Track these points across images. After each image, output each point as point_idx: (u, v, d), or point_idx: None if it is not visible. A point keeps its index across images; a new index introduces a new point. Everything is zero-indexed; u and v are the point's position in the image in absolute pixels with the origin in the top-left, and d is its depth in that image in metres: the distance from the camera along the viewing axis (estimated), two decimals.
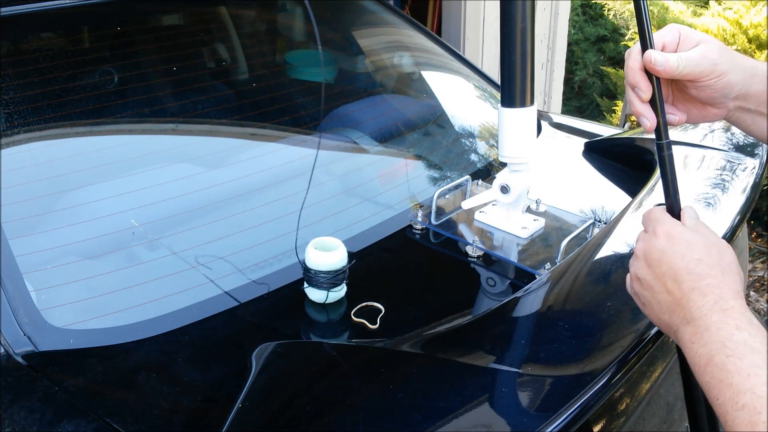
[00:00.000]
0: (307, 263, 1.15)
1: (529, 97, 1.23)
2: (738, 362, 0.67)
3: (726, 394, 0.66)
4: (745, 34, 4.03)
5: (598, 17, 6.08)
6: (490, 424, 0.84)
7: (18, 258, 1.10)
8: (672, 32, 0.87)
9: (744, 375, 0.65)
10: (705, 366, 0.70)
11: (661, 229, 0.80)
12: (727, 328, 0.70)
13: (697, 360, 0.71)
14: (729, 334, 0.69)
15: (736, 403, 0.65)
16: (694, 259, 0.76)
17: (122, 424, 0.90)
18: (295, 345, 1.06)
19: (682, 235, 0.79)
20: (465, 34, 3.66)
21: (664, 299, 0.78)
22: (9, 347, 1.01)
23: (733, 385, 0.66)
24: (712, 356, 0.69)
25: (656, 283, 0.79)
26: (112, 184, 1.30)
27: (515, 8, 1.18)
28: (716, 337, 0.70)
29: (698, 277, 0.75)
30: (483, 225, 1.37)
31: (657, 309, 0.80)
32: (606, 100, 5.27)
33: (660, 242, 0.80)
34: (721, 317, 0.71)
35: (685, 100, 0.91)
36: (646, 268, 0.81)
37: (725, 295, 0.73)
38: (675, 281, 0.77)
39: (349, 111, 1.74)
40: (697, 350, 0.72)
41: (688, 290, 0.75)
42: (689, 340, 0.73)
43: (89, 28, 1.59)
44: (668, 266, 0.78)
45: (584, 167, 1.70)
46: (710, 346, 0.70)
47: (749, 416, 0.63)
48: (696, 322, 0.73)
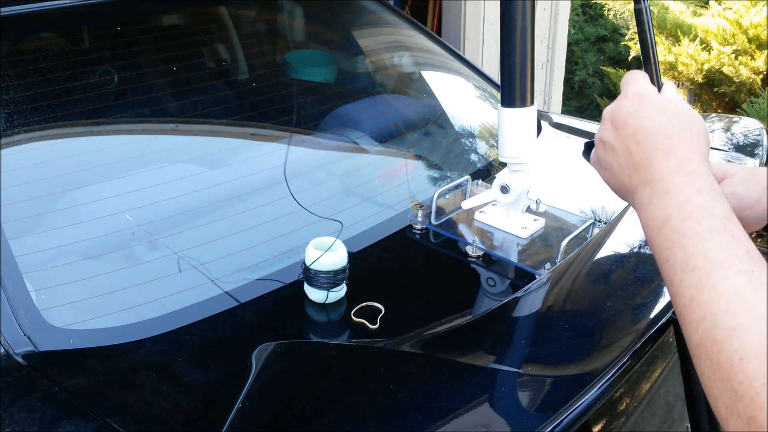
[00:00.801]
0: (306, 263, 1.15)
1: (529, 97, 1.23)
2: (695, 225, 0.63)
3: (678, 255, 0.63)
4: (745, 34, 4.03)
5: (598, 17, 6.08)
6: (490, 424, 0.84)
7: (18, 258, 1.10)
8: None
9: (699, 238, 0.62)
10: (660, 228, 0.66)
11: (633, 90, 0.76)
12: (689, 190, 0.66)
13: (652, 222, 0.68)
14: (689, 197, 0.65)
15: (687, 264, 0.62)
16: (662, 121, 0.72)
17: (122, 424, 0.90)
18: (295, 345, 1.06)
19: (653, 97, 0.75)
20: (465, 34, 3.66)
21: (625, 162, 0.74)
22: (9, 347, 1.01)
23: (686, 248, 0.63)
24: (668, 218, 0.66)
25: (619, 145, 0.75)
26: (112, 184, 1.30)
27: (515, 8, 1.18)
28: (676, 199, 0.66)
29: (664, 137, 0.71)
30: (483, 225, 1.37)
31: (618, 172, 0.75)
32: (606, 100, 5.27)
33: (629, 103, 0.75)
34: (683, 179, 0.67)
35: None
36: (611, 129, 0.76)
37: (691, 157, 0.69)
38: (638, 143, 0.72)
39: (349, 111, 1.74)
40: (653, 212, 0.68)
41: (651, 151, 0.71)
42: (647, 202, 0.69)
43: (89, 28, 1.59)
44: (633, 127, 0.73)
45: (584, 167, 1.70)
46: (668, 208, 0.66)
47: (698, 278, 0.60)
48: (656, 184, 0.69)
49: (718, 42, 4.11)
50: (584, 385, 0.88)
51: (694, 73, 4.15)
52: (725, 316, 0.57)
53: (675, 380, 1.21)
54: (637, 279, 1.13)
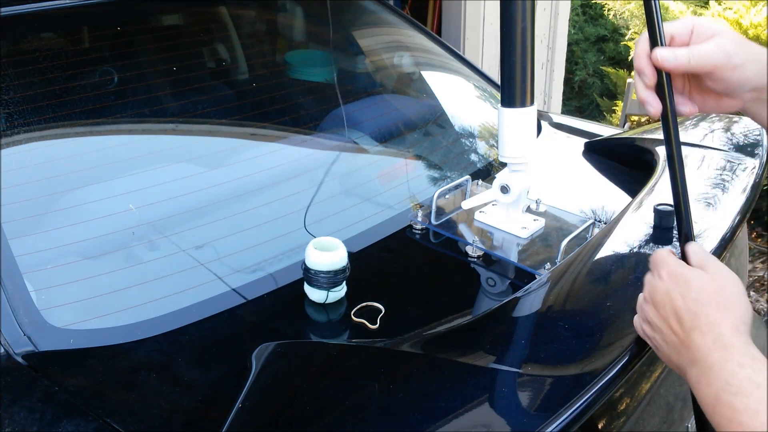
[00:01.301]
0: (307, 263, 1.15)
1: (529, 97, 1.23)
2: (744, 400, 0.67)
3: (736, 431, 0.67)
4: (745, 34, 4.03)
5: (598, 17, 6.08)
6: (490, 424, 0.84)
7: (18, 258, 1.10)
8: (684, 25, 0.86)
9: (752, 413, 0.66)
10: (714, 406, 0.70)
11: (665, 271, 0.81)
12: (730, 366, 0.70)
13: (706, 400, 0.72)
14: (732, 371, 0.69)
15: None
16: (691, 299, 0.77)
17: (122, 424, 0.90)
18: (295, 345, 1.06)
19: (682, 274, 0.80)
20: (465, 34, 3.66)
21: (671, 341, 0.79)
22: (9, 347, 1.01)
23: (742, 423, 0.66)
24: (718, 396, 0.69)
25: (663, 325, 0.80)
26: (112, 184, 1.30)
27: (515, 8, 1.18)
28: (720, 375, 0.70)
29: (695, 316, 0.75)
30: (483, 225, 1.37)
31: (667, 351, 0.80)
32: (606, 100, 5.27)
33: (663, 284, 0.81)
34: (722, 355, 0.71)
35: (700, 90, 0.90)
36: (653, 310, 0.82)
37: (723, 332, 0.72)
38: (678, 322, 0.77)
39: (349, 111, 1.74)
40: (704, 390, 0.72)
41: (689, 330, 0.75)
42: (696, 381, 0.74)
43: (89, 28, 1.59)
44: (671, 307, 0.78)
45: (584, 167, 1.70)
46: (715, 385, 0.70)
47: None
48: (700, 363, 0.73)
49: None
50: (584, 385, 0.87)
51: None
52: None
53: (675, 380, 1.21)
54: (637, 279, 1.13)
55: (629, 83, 4.44)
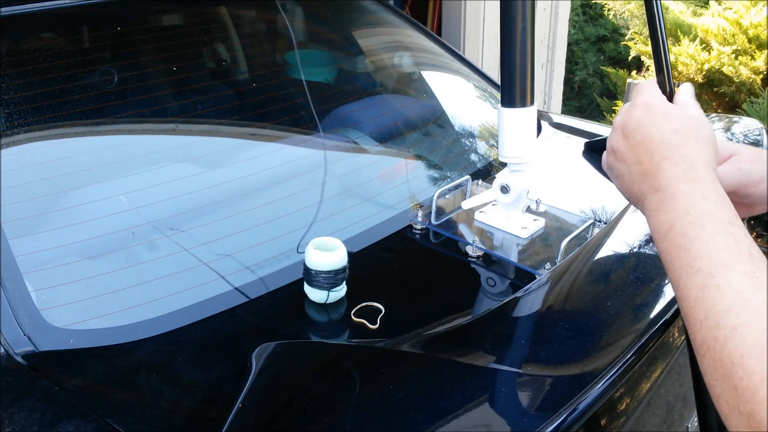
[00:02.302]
0: (307, 263, 1.15)
1: (529, 97, 1.23)
2: (699, 229, 0.66)
3: (683, 258, 0.66)
4: (745, 34, 4.03)
5: (598, 17, 6.08)
6: (490, 424, 0.84)
7: (18, 258, 1.10)
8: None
9: (703, 241, 0.65)
10: (666, 233, 0.69)
11: (641, 100, 0.79)
12: (693, 196, 0.69)
13: (659, 227, 0.71)
14: (694, 202, 0.68)
15: (692, 267, 0.64)
16: (669, 129, 0.75)
17: (122, 424, 0.90)
18: (295, 345, 1.06)
19: (660, 106, 0.78)
20: (465, 34, 3.66)
21: (636, 170, 0.77)
22: (9, 347, 1.01)
23: (690, 250, 0.65)
24: (673, 223, 0.68)
25: (630, 155, 0.78)
26: (112, 184, 1.30)
27: (515, 8, 1.18)
28: (681, 204, 0.69)
29: (671, 146, 0.74)
30: (483, 225, 1.37)
31: (628, 180, 0.78)
32: (606, 100, 5.27)
33: (638, 112, 0.78)
34: (688, 186, 0.70)
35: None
36: (621, 138, 0.79)
37: (696, 165, 0.71)
38: (647, 151, 0.75)
39: (349, 111, 1.74)
40: (660, 218, 0.71)
41: (659, 159, 0.74)
42: (654, 208, 0.72)
43: (89, 28, 1.59)
44: (643, 136, 0.76)
45: (584, 167, 1.70)
46: (674, 213, 0.69)
47: (702, 279, 0.63)
48: (663, 191, 0.72)
49: (718, 42, 4.11)
50: (584, 385, 0.88)
51: (694, 73, 4.15)
52: (727, 315, 0.59)
53: (675, 380, 1.21)
54: (637, 279, 1.13)
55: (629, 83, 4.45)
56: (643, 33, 4.87)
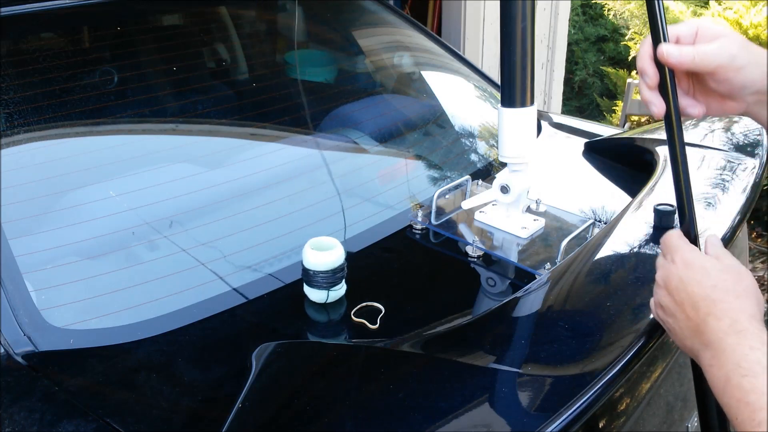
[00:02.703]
0: (304, 264, 1.15)
1: (529, 97, 1.23)
2: (753, 380, 0.68)
3: (744, 412, 0.68)
4: (745, 34, 4.03)
5: (598, 17, 6.08)
6: (490, 424, 0.84)
7: (18, 258, 1.10)
8: (689, 27, 0.87)
9: (759, 393, 0.67)
10: (723, 387, 0.72)
11: (679, 257, 0.83)
12: (742, 349, 0.71)
13: (716, 382, 0.73)
14: (743, 354, 0.71)
15: (754, 420, 0.67)
16: (709, 285, 0.78)
17: (122, 424, 0.90)
18: (295, 345, 1.06)
19: (698, 261, 0.81)
20: (465, 34, 3.66)
21: (685, 325, 0.80)
22: (9, 347, 1.01)
23: (750, 403, 0.68)
24: (729, 377, 0.71)
25: (677, 310, 0.81)
26: (112, 184, 1.30)
27: (515, 8, 1.18)
28: (731, 358, 0.72)
29: (713, 302, 0.77)
30: (483, 225, 1.37)
31: (680, 335, 0.82)
32: (606, 100, 5.27)
33: (678, 269, 0.82)
34: (735, 339, 0.73)
35: (705, 92, 0.91)
36: (666, 295, 0.83)
37: (740, 318, 0.74)
38: (693, 307, 0.79)
39: (349, 111, 1.74)
40: (715, 373, 0.74)
41: (704, 315, 0.77)
42: (708, 364, 0.75)
43: (89, 28, 1.59)
44: (686, 293, 0.80)
45: (584, 167, 1.70)
46: (726, 367, 0.72)
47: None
48: (713, 346, 0.75)
49: None
50: (584, 385, 0.87)
51: None
52: None
53: (675, 380, 1.21)
54: (637, 279, 1.13)
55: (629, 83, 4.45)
56: (643, 33, 4.87)
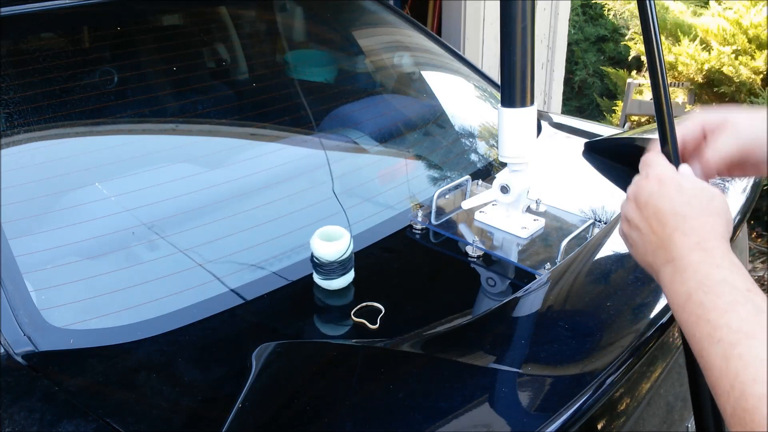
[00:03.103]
0: (313, 253, 1.16)
1: (529, 97, 1.23)
2: (715, 299, 0.66)
3: (703, 329, 0.66)
4: (745, 34, 4.03)
5: (598, 17, 6.08)
6: (490, 424, 0.84)
7: (18, 258, 1.10)
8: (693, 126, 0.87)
9: (720, 311, 0.65)
10: (684, 304, 0.70)
11: (653, 172, 0.81)
12: (707, 267, 0.70)
13: (677, 299, 0.71)
14: (708, 272, 0.69)
15: (712, 337, 0.65)
16: (681, 202, 0.76)
17: (122, 424, 0.90)
18: (295, 345, 1.06)
19: (672, 179, 0.79)
20: (465, 34, 3.66)
21: (649, 240, 0.78)
22: (9, 347, 1.01)
23: (710, 321, 0.66)
24: (690, 294, 0.69)
25: (643, 225, 0.79)
26: (112, 184, 1.30)
27: (515, 8, 1.18)
28: (695, 275, 0.70)
29: (683, 218, 0.75)
30: (483, 225, 1.37)
31: (642, 250, 0.80)
32: (606, 100, 5.27)
33: (650, 185, 0.80)
34: (701, 256, 0.71)
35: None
36: (635, 209, 0.81)
37: (708, 236, 0.72)
38: (660, 223, 0.77)
39: (349, 111, 1.74)
40: (676, 289, 0.72)
41: (671, 231, 0.75)
42: (669, 280, 0.73)
43: (89, 28, 1.59)
44: (655, 208, 0.78)
45: (584, 167, 1.70)
46: (689, 284, 0.70)
47: (723, 350, 0.63)
48: (676, 262, 0.73)
49: (718, 42, 4.11)
50: (584, 385, 0.88)
51: (694, 73, 4.15)
52: (753, 385, 0.59)
53: (675, 380, 1.21)
54: (637, 279, 1.13)
55: (629, 83, 4.44)
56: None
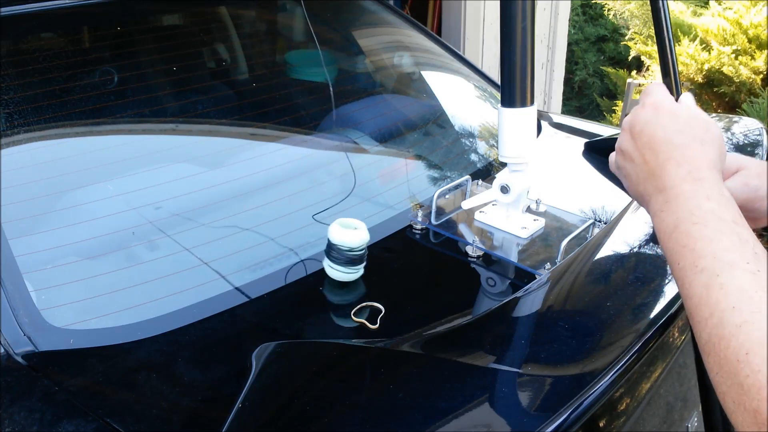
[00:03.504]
0: (331, 240, 1.17)
1: (529, 97, 1.23)
2: (703, 228, 0.66)
3: (687, 258, 0.66)
4: (745, 34, 4.03)
5: (598, 17, 6.08)
6: (490, 424, 0.84)
7: (18, 258, 1.10)
8: None
9: (707, 240, 0.65)
10: (671, 233, 0.70)
11: (649, 100, 0.80)
12: (697, 197, 0.69)
13: (664, 228, 0.71)
14: (698, 202, 0.69)
15: (696, 266, 0.65)
16: (674, 130, 0.75)
17: (122, 424, 0.90)
18: (295, 345, 1.06)
19: (668, 107, 0.78)
20: (465, 34, 3.66)
21: (641, 169, 0.77)
22: (9, 347, 1.01)
23: (695, 250, 0.66)
24: (678, 223, 0.69)
25: (636, 154, 0.78)
26: (112, 184, 1.30)
27: (515, 8, 1.18)
28: (685, 205, 0.70)
29: (675, 147, 0.74)
30: (483, 225, 1.37)
31: (635, 180, 0.79)
32: (606, 100, 5.27)
33: (645, 113, 0.79)
34: (692, 186, 0.70)
35: None
36: (629, 139, 0.80)
37: (700, 165, 0.72)
38: (653, 151, 0.76)
39: (349, 111, 1.74)
40: (664, 218, 0.71)
41: (663, 160, 0.74)
42: (659, 209, 0.73)
43: (89, 28, 1.59)
44: (648, 136, 0.77)
45: (584, 167, 1.70)
46: (678, 213, 0.70)
47: (706, 278, 0.63)
48: (667, 191, 0.72)
49: (718, 42, 4.11)
50: (584, 385, 0.88)
51: (694, 73, 4.15)
52: (732, 313, 0.59)
53: (675, 380, 1.21)
54: (637, 279, 1.13)
55: (629, 83, 4.45)
56: (643, 33, 4.87)
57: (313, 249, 1.28)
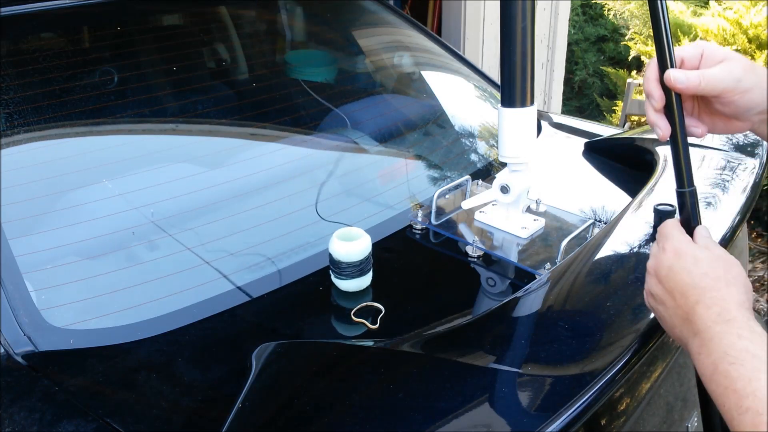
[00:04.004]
0: (332, 254, 1.17)
1: (529, 97, 1.23)
2: (740, 368, 0.69)
3: (731, 399, 0.69)
4: (745, 34, 4.03)
5: (598, 17, 6.08)
6: (490, 424, 0.84)
7: (18, 258, 1.10)
8: (694, 48, 0.88)
9: (746, 380, 0.68)
10: (711, 375, 0.72)
11: (670, 245, 0.84)
12: (730, 337, 0.72)
13: (704, 370, 0.74)
14: (731, 342, 0.72)
15: (740, 407, 0.67)
16: (699, 274, 0.79)
17: (122, 424, 0.90)
18: (295, 345, 1.06)
19: (689, 250, 0.82)
20: (465, 34, 3.66)
21: (674, 313, 0.81)
22: (9, 347, 1.01)
23: (737, 390, 0.68)
24: (716, 365, 0.72)
25: (667, 298, 0.82)
26: (112, 184, 1.30)
27: (515, 8, 1.18)
28: (719, 346, 0.72)
29: (702, 290, 0.78)
30: (483, 225, 1.37)
31: (670, 322, 0.83)
32: (606, 100, 5.27)
33: (668, 258, 0.83)
34: (723, 327, 0.73)
35: (710, 113, 0.92)
36: (657, 283, 0.84)
37: (728, 307, 0.75)
38: (682, 295, 0.79)
39: (349, 111, 1.74)
40: (703, 360, 0.74)
41: (693, 304, 0.78)
42: (697, 352, 0.76)
43: (89, 28, 1.59)
44: (675, 281, 0.81)
45: (584, 167, 1.70)
46: (714, 355, 0.72)
47: (752, 418, 0.66)
48: (702, 334, 0.75)
49: (718, 42, 4.11)
50: (584, 385, 0.88)
51: None
52: None
53: (675, 380, 1.21)
54: (637, 279, 1.13)
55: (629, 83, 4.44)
56: (643, 33, 4.87)
57: (313, 249, 1.28)
